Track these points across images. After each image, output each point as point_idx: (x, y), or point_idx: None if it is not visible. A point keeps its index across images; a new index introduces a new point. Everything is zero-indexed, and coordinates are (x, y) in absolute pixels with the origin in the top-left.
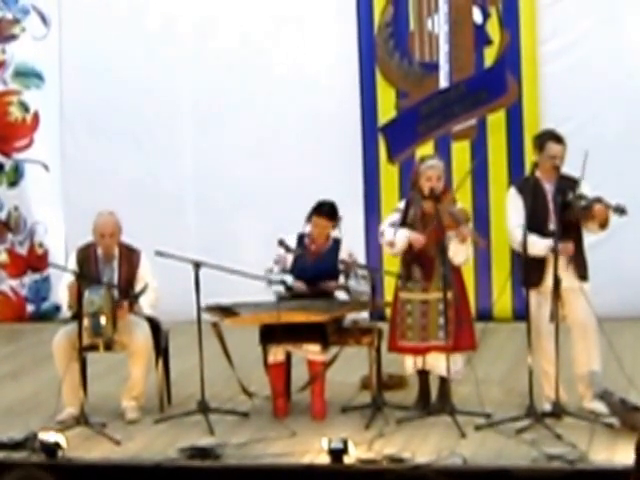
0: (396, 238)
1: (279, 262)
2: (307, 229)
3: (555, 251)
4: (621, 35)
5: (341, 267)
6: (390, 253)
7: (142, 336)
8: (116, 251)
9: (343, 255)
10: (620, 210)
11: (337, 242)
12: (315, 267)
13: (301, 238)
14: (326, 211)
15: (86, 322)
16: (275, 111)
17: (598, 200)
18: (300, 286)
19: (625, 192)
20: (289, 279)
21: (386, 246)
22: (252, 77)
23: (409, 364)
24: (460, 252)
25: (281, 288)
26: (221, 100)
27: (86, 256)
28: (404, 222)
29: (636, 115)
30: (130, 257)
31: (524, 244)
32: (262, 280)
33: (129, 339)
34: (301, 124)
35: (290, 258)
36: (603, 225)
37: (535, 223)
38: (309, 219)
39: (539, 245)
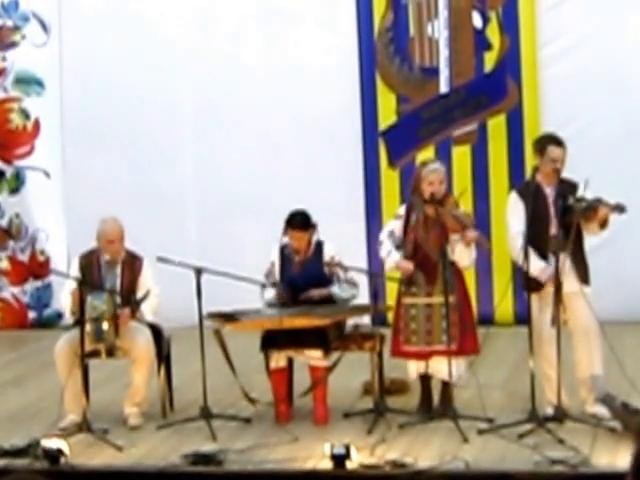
0: (387, 259)
1: (269, 275)
2: (284, 240)
3: (556, 256)
4: (621, 39)
5: (327, 270)
6: None
7: (144, 342)
8: (121, 257)
9: (326, 258)
10: (620, 208)
11: (320, 245)
12: (302, 275)
13: (282, 249)
14: (298, 222)
15: (88, 327)
16: (275, 116)
17: (598, 201)
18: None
19: (626, 195)
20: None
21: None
22: (252, 83)
23: (413, 369)
24: (465, 255)
25: (275, 299)
26: (222, 107)
27: (89, 262)
28: (406, 227)
29: (636, 118)
30: (133, 264)
31: (525, 253)
32: (262, 285)
33: (131, 345)
34: (302, 129)
35: (277, 270)
36: (603, 225)
37: (536, 227)
38: (285, 232)
39: (533, 265)
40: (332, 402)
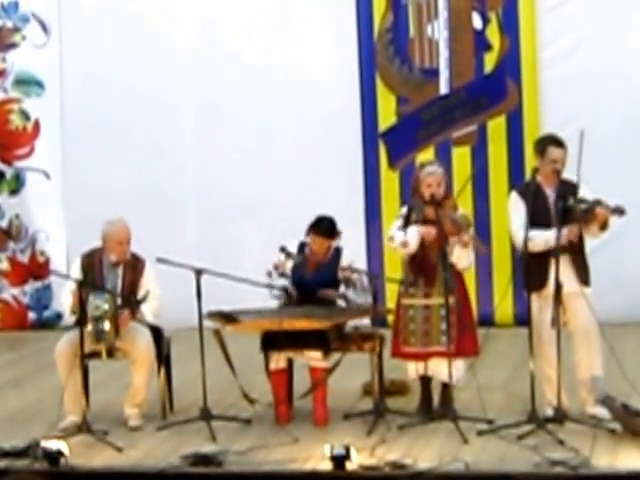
0: (408, 237)
1: (278, 267)
2: (308, 239)
3: (557, 257)
4: (621, 40)
5: (341, 276)
6: (405, 253)
7: (144, 343)
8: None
9: (343, 264)
10: (619, 211)
11: (338, 251)
12: (315, 277)
13: (302, 246)
14: (324, 229)
15: (89, 327)
16: (276, 118)
17: (598, 202)
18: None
19: (626, 196)
20: (289, 287)
21: (400, 247)
22: (252, 83)
23: (412, 370)
24: (463, 257)
25: (281, 295)
26: (222, 107)
27: (91, 262)
28: (406, 228)
29: (636, 119)
30: (135, 266)
31: (525, 244)
32: (263, 287)
33: (131, 346)
34: (302, 130)
35: (289, 264)
36: (603, 227)
37: (537, 228)
38: (308, 233)
39: (542, 237)
40: (332, 403)
